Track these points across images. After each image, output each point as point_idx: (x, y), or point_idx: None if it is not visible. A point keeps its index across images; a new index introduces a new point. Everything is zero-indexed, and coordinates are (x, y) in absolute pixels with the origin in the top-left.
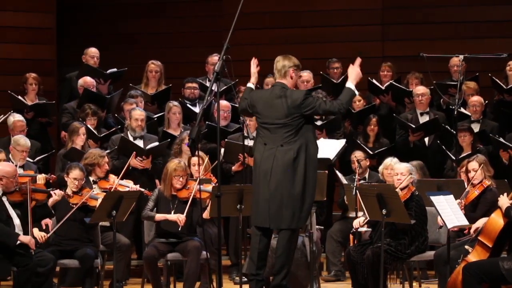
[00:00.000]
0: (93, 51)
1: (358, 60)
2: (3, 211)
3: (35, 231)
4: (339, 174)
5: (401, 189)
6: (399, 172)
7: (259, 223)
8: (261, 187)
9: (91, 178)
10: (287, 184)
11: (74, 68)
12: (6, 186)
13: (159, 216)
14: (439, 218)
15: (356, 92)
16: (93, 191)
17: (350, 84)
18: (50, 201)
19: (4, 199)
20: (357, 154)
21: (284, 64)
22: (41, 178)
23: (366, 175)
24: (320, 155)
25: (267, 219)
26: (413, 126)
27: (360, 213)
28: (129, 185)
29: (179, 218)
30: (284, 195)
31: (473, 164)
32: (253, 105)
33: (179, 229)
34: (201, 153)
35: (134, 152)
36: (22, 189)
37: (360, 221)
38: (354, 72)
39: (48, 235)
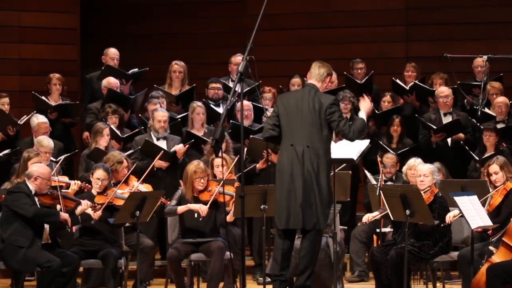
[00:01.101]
0: (113, 52)
1: (368, 99)
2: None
3: (84, 202)
4: (368, 174)
5: (424, 191)
6: (421, 173)
7: (284, 225)
8: (286, 188)
9: (112, 181)
10: (313, 185)
11: (97, 69)
12: (39, 187)
13: (181, 208)
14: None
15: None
16: (118, 191)
17: (363, 114)
18: (78, 210)
19: (36, 199)
20: (389, 156)
21: (324, 70)
22: (76, 184)
23: (393, 177)
24: (344, 155)
25: (293, 221)
26: (435, 127)
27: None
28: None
29: (201, 208)
30: (311, 196)
31: (494, 167)
32: (282, 106)
33: (200, 219)
34: (225, 155)
35: (162, 152)
36: (53, 193)
37: (369, 216)
38: (366, 105)
39: (101, 210)
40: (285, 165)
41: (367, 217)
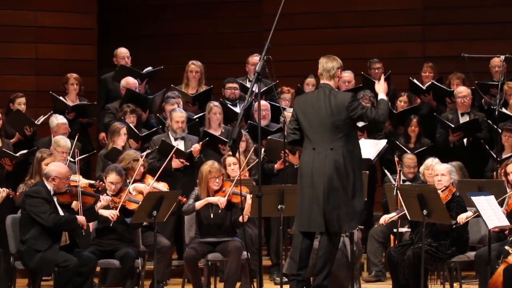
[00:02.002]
0: (123, 52)
1: (382, 78)
2: (55, 210)
3: (104, 211)
4: (388, 173)
5: (442, 190)
6: (439, 173)
7: (305, 228)
8: (310, 192)
9: (127, 180)
10: (338, 187)
11: (114, 69)
12: (58, 186)
13: (199, 203)
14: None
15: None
16: (132, 194)
17: (383, 95)
18: (98, 206)
19: (54, 199)
20: (410, 157)
21: (333, 65)
22: (83, 183)
23: (413, 178)
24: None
25: (317, 224)
26: (453, 126)
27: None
28: (163, 189)
29: (220, 200)
30: (336, 199)
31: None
32: (300, 109)
33: (219, 211)
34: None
35: (175, 149)
36: (72, 191)
37: (386, 218)
38: (381, 87)
39: (117, 211)
40: (307, 168)
41: (384, 219)
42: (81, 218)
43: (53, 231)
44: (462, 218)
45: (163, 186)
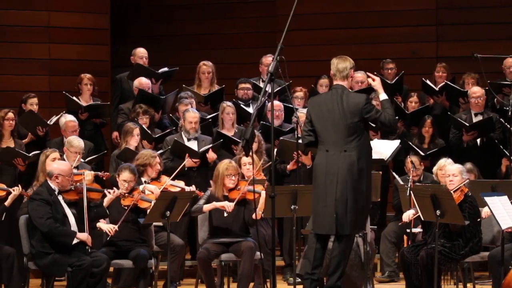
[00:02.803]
0: (141, 51)
1: (372, 76)
2: (60, 210)
3: (103, 225)
4: (396, 176)
5: (454, 191)
6: (450, 173)
7: (321, 230)
8: (323, 194)
9: (143, 179)
10: (352, 190)
11: (127, 69)
12: (62, 184)
13: (207, 206)
14: None
15: None
16: (144, 193)
17: (383, 95)
18: (106, 201)
19: (60, 197)
20: (413, 158)
21: (346, 65)
22: (89, 174)
23: (421, 178)
24: (374, 156)
25: (331, 226)
26: (467, 125)
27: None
28: (180, 185)
29: (227, 204)
30: (350, 201)
31: None
32: (313, 111)
33: (225, 214)
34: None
35: (187, 154)
36: (77, 188)
37: (410, 215)
38: (377, 83)
39: (117, 226)
40: (321, 170)
41: (408, 216)
42: (83, 236)
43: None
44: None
45: (182, 184)
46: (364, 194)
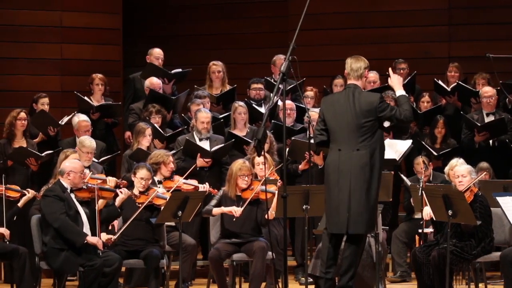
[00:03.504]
0: (158, 52)
1: (391, 72)
2: (72, 206)
3: (102, 235)
4: (403, 177)
5: (464, 191)
6: (459, 174)
7: (335, 229)
8: (336, 193)
9: (156, 178)
10: (364, 189)
11: (139, 69)
12: (74, 181)
13: (216, 210)
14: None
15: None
16: (159, 190)
17: (400, 91)
18: (117, 201)
19: (72, 196)
20: (417, 161)
21: (360, 65)
22: (112, 181)
23: (430, 178)
24: (386, 155)
25: (345, 226)
26: (479, 125)
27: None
28: (194, 184)
29: (234, 209)
30: (358, 203)
31: None
32: (326, 109)
33: (233, 219)
34: (266, 154)
35: (199, 154)
36: (90, 187)
37: (430, 212)
38: (395, 80)
39: (115, 237)
40: (333, 169)
41: (427, 214)
42: (93, 240)
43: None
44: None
45: (195, 182)
46: (376, 194)
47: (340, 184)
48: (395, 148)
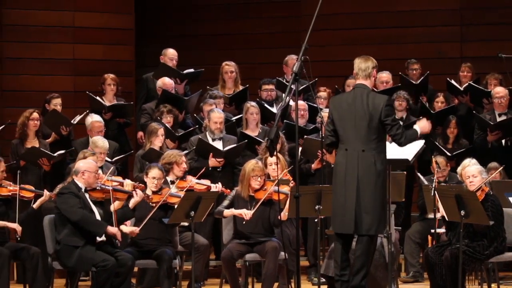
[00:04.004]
0: (172, 52)
1: (427, 121)
2: (87, 205)
3: (124, 227)
4: (420, 176)
5: (475, 191)
6: (470, 174)
7: (341, 230)
8: (343, 193)
9: (169, 178)
10: (371, 190)
11: (150, 69)
12: (88, 181)
13: (227, 212)
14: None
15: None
16: (172, 190)
17: (418, 129)
18: (131, 202)
19: (86, 195)
20: (439, 159)
21: (368, 65)
22: (129, 185)
23: (447, 178)
24: (399, 156)
25: (351, 226)
26: (491, 123)
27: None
28: (206, 183)
29: (244, 212)
30: (366, 202)
31: None
32: (335, 110)
33: (243, 222)
34: (278, 154)
35: (211, 154)
36: (104, 188)
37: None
38: (424, 125)
39: (139, 229)
40: (340, 169)
41: (443, 211)
42: (113, 229)
43: (80, 227)
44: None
45: (208, 182)
46: (383, 194)
47: (347, 185)
48: (407, 148)
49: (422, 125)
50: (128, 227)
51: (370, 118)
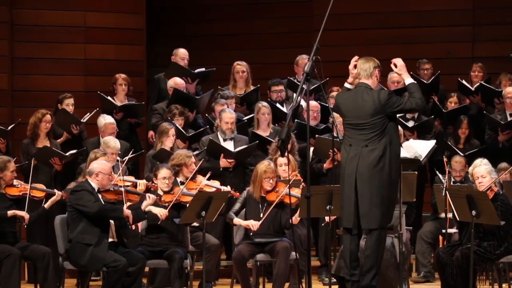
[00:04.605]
0: (183, 52)
1: (396, 59)
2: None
3: (154, 208)
4: (440, 175)
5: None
6: (479, 175)
7: (346, 224)
8: (347, 188)
9: (179, 179)
10: (373, 185)
11: (162, 69)
12: (102, 183)
13: (236, 221)
14: None
15: None
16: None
17: (409, 79)
18: (144, 205)
19: (99, 196)
20: (457, 160)
21: (369, 65)
22: (142, 184)
23: (463, 180)
24: (410, 155)
25: (351, 220)
26: (502, 123)
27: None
28: (216, 186)
29: (251, 223)
30: (372, 196)
31: None
32: (338, 107)
33: (251, 233)
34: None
35: (222, 155)
36: (117, 189)
37: None
38: (400, 67)
39: (166, 210)
40: (343, 165)
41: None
42: (127, 211)
43: (101, 222)
44: None
45: (218, 184)
46: (387, 190)
47: (350, 179)
48: (419, 149)
49: (400, 68)
50: (157, 208)
51: (371, 115)
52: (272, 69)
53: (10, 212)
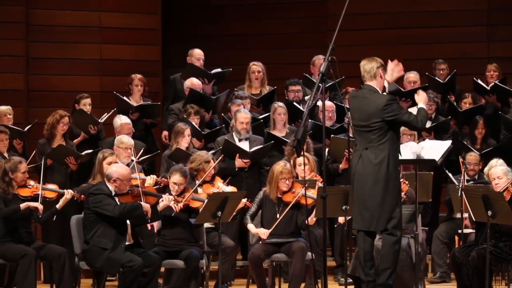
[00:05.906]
0: (198, 52)
1: (422, 93)
2: None
3: (166, 197)
4: (451, 175)
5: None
6: (495, 176)
7: (354, 225)
8: (354, 189)
9: (197, 181)
10: (370, 187)
11: (177, 69)
12: (119, 188)
13: (249, 227)
14: None
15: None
16: (195, 193)
17: (422, 105)
18: (160, 206)
19: (116, 199)
20: (472, 155)
21: (372, 65)
22: (152, 178)
23: (476, 176)
24: (426, 156)
25: (357, 221)
26: None
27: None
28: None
29: (261, 232)
30: (367, 198)
31: None
32: (350, 108)
33: (260, 242)
34: (307, 154)
35: (238, 155)
36: (133, 191)
37: None
38: (421, 98)
39: (184, 201)
40: (351, 167)
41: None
42: (146, 205)
43: (118, 225)
44: None
45: (231, 189)
46: (386, 192)
47: (355, 181)
48: (435, 149)
49: (421, 100)
50: (172, 203)
51: (371, 118)
52: (287, 69)
53: (23, 205)
